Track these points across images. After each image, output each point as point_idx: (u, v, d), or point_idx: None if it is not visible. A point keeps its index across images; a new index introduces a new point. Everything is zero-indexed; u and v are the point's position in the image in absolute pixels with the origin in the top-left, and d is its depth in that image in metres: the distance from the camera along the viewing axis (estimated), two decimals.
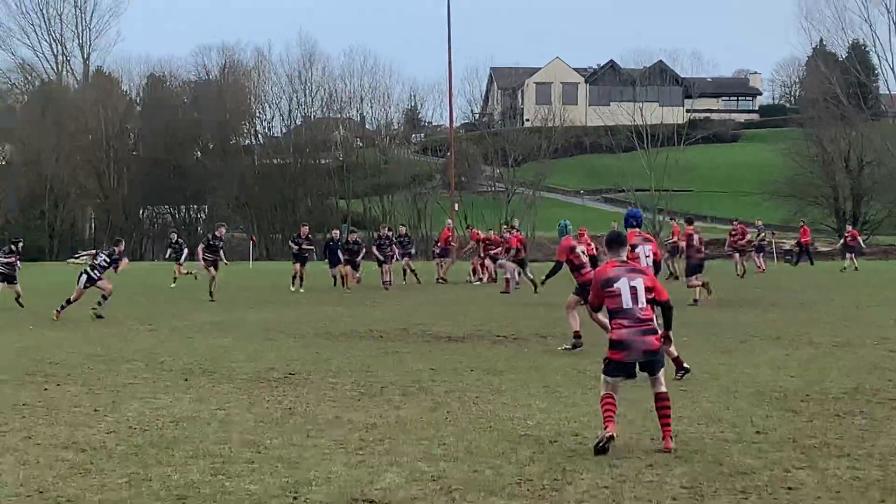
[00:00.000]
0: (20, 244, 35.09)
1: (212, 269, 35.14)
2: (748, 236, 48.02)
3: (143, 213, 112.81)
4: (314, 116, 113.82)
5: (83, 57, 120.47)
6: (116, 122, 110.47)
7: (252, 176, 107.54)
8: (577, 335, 19.49)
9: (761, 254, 51.56)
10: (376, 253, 41.68)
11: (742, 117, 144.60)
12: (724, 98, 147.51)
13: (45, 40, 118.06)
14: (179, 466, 10.28)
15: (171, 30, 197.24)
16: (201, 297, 34.90)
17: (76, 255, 46.69)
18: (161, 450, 11.05)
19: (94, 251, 30.80)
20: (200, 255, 35.53)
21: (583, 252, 19.88)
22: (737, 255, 46.25)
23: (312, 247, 42.13)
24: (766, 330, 22.80)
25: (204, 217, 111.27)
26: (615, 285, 11.04)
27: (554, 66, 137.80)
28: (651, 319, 11.04)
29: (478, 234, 47.44)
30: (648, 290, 11.12)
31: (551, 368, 16.94)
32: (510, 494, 9.14)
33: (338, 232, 43.70)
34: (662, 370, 11.00)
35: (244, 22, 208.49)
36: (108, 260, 29.69)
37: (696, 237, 31.97)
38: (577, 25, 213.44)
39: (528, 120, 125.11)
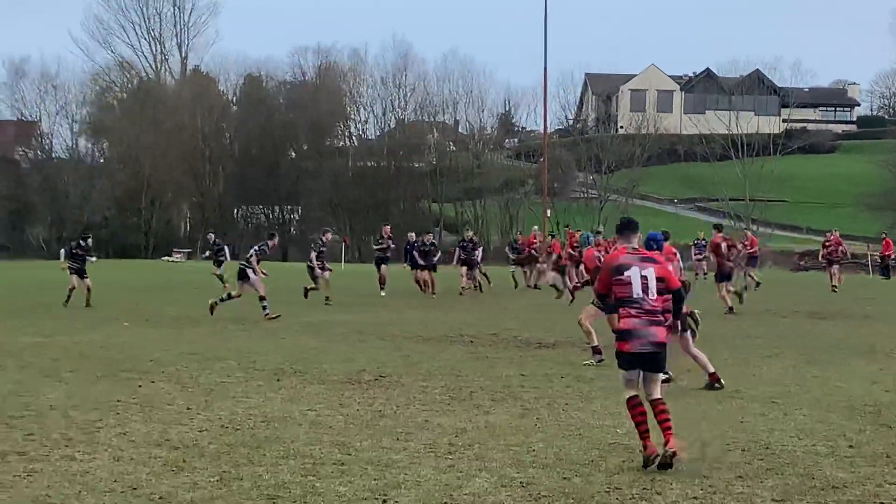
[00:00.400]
0: (89, 239, 34.94)
1: (326, 273, 35.03)
2: (843, 247, 46.63)
3: (237, 212, 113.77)
4: (408, 119, 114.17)
5: (181, 56, 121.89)
6: (213, 122, 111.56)
7: (346, 178, 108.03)
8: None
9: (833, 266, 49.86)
10: (460, 257, 41.40)
11: (840, 128, 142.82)
12: (821, 108, 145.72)
13: (145, 38, 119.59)
14: (270, 466, 10.37)
15: (268, 30, 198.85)
16: (294, 299, 35.07)
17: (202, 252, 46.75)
18: (252, 449, 11.15)
19: (256, 247, 30.14)
20: (315, 263, 35.17)
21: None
22: (832, 267, 44.96)
23: (394, 245, 41.36)
24: (860, 343, 22.51)
25: (297, 218, 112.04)
26: (626, 273, 10.71)
27: (649, 72, 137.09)
28: (660, 311, 10.74)
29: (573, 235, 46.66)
30: (660, 279, 10.82)
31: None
32: (599, 503, 9.12)
33: (413, 234, 43.15)
34: (662, 374, 10.80)
35: (340, 23, 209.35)
36: (258, 250, 29.33)
37: (723, 245, 31.89)
38: (673, 33, 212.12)
39: (622, 127, 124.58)
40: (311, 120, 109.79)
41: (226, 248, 47.71)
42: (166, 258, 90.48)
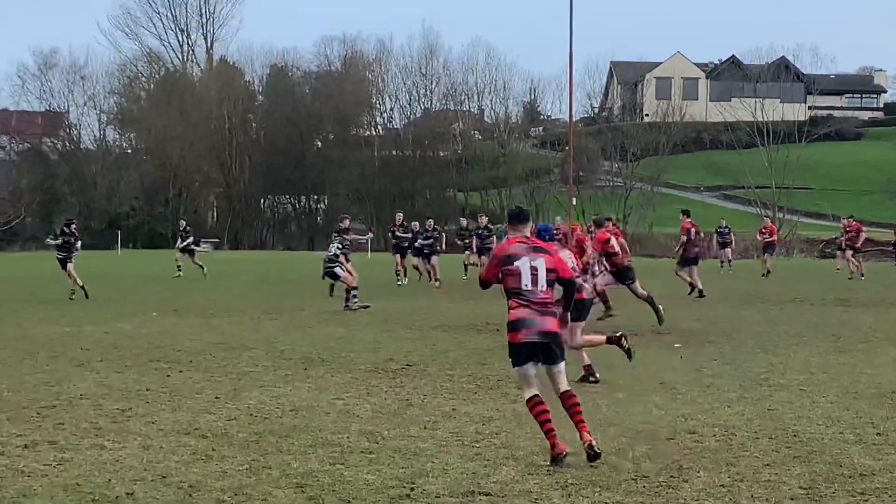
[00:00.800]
0: (73, 226, 33.91)
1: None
2: (863, 234, 46.04)
3: (263, 202, 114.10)
4: (433, 109, 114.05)
5: (207, 46, 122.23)
6: (239, 112, 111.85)
7: (372, 167, 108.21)
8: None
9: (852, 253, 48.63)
10: (477, 245, 40.77)
11: (866, 115, 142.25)
12: (847, 95, 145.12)
13: (171, 29, 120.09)
14: (299, 455, 10.43)
15: (293, 21, 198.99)
16: (319, 288, 35.00)
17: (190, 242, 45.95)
18: (281, 438, 11.21)
19: (338, 245, 28.80)
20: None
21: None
22: (856, 255, 44.32)
23: (408, 235, 40.51)
24: (888, 330, 22.44)
25: (324, 207, 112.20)
26: (515, 263, 10.42)
27: (674, 60, 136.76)
28: (550, 302, 10.49)
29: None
30: (550, 270, 10.53)
31: (668, 365, 16.88)
32: (626, 491, 9.13)
33: (417, 224, 42.02)
34: (564, 364, 10.49)
35: (365, 13, 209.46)
36: (341, 248, 28.70)
37: (692, 230, 32.26)
38: (698, 21, 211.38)
39: (647, 115, 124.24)
40: (336, 110, 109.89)
41: (191, 237, 46.48)
42: (194, 248, 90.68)
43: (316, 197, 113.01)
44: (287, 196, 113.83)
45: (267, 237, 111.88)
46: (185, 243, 45.34)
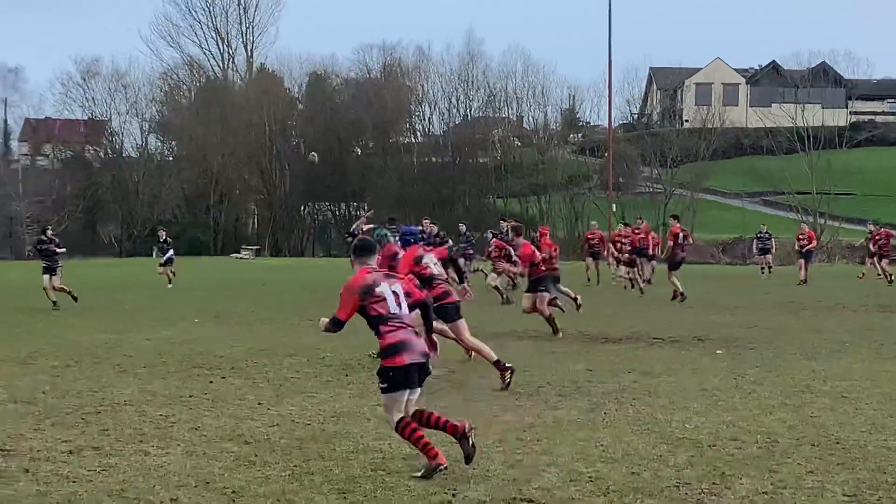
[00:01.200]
0: (49, 230, 32.42)
1: None
2: (893, 241, 45.49)
3: (304, 209, 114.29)
4: (473, 115, 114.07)
5: (247, 54, 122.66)
6: (279, 119, 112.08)
7: (411, 174, 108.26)
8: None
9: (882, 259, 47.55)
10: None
11: None
12: (889, 100, 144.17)
13: (212, 37, 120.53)
14: (341, 461, 10.48)
15: (332, 29, 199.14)
16: None
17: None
18: (323, 444, 11.26)
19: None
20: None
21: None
22: (884, 262, 43.66)
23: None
24: None
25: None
26: (377, 290, 10.35)
27: (714, 66, 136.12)
28: (412, 325, 10.44)
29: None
30: (407, 294, 10.51)
31: (709, 371, 16.82)
32: (668, 498, 9.13)
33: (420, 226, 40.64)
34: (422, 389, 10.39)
35: (404, 20, 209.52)
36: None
37: (680, 235, 32.68)
38: (738, 26, 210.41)
39: (687, 121, 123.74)
40: (376, 117, 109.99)
41: (171, 249, 45.06)
42: (235, 255, 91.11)
43: (356, 204, 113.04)
44: (327, 203, 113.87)
45: (307, 244, 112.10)
46: (166, 256, 43.87)
